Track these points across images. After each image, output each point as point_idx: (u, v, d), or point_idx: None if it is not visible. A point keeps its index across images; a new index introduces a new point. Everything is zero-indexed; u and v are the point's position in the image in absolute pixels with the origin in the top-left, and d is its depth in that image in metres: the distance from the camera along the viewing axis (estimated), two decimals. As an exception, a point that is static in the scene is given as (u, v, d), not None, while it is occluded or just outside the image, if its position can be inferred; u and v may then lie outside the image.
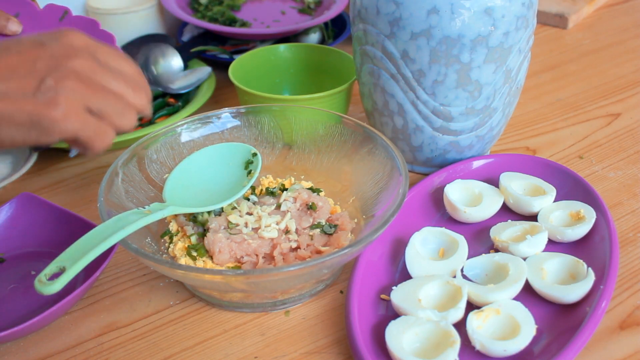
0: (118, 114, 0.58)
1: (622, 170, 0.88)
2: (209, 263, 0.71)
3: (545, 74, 1.13)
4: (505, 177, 0.81)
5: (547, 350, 0.62)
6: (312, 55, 1.03)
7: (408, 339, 0.62)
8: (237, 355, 0.66)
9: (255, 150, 0.78)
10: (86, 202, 0.85)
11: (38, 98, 0.54)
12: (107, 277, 0.75)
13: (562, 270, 0.70)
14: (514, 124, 0.99)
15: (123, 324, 0.70)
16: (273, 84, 1.03)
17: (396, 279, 0.72)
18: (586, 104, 1.03)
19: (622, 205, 0.82)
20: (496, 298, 0.66)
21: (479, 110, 0.82)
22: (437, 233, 0.74)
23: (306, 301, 0.71)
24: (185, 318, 0.70)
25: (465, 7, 0.75)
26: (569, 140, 0.95)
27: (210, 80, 1.04)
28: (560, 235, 0.74)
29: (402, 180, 0.70)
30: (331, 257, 0.62)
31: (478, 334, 0.62)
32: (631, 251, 0.75)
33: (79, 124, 0.56)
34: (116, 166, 0.73)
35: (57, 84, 0.55)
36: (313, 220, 0.75)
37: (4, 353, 0.67)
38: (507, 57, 0.80)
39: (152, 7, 1.17)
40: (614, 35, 1.25)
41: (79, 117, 0.56)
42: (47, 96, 0.54)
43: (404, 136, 0.85)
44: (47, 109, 0.54)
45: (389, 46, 0.80)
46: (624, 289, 0.71)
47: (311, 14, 1.25)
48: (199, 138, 0.81)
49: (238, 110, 0.82)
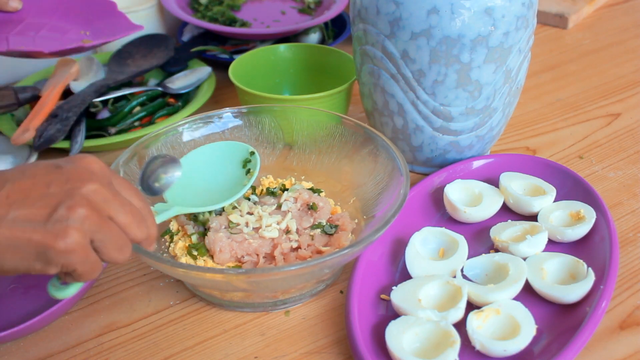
0: (116, 249, 0.54)
1: (622, 170, 0.88)
2: (209, 262, 0.71)
3: (545, 74, 1.13)
4: (505, 177, 0.81)
5: (547, 350, 0.62)
6: (312, 55, 1.03)
7: (408, 339, 0.62)
8: (237, 355, 0.66)
9: (253, 149, 0.78)
10: (86, 202, 0.85)
11: (48, 228, 0.51)
12: (107, 277, 0.75)
13: (562, 270, 0.70)
14: (514, 124, 0.99)
15: (123, 324, 0.70)
16: (273, 84, 1.03)
17: (396, 279, 0.72)
18: (586, 104, 1.04)
19: (622, 205, 0.82)
20: (496, 298, 0.66)
21: (479, 110, 0.82)
22: (437, 233, 0.74)
23: (306, 301, 0.71)
24: (185, 318, 0.70)
25: (465, 7, 0.75)
26: (569, 140, 0.96)
27: (210, 80, 1.04)
28: (560, 235, 0.74)
29: (403, 181, 0.70)
30: (332, 257, 0.62)
31: (478, 334, 0.62)
32: (631, 251, 0.75)
33: (81, 258, 0.53)
34: (117, 165, 0.73)
35: (69, 212, 0.51)
36: (314, 221, 0.75)
37: (4, 353, 0.67)
38: (507, 57, 0.80)
39: (152, 7, 1.17)
40: (614, 35, 1.25)
41: (84, 250, 0.53)
42: (57, 227, 0.51)
43: (404, 136, 0.85)
44: (55, 241, 0.51)
45: (389, 46, 0.80)
46: (624, 289, 0.71)
47: (311, 14, 1.25)
48: (200, 137, 0.81)
49: (239, 110, 0.82)
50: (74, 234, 0.51)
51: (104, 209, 0.53)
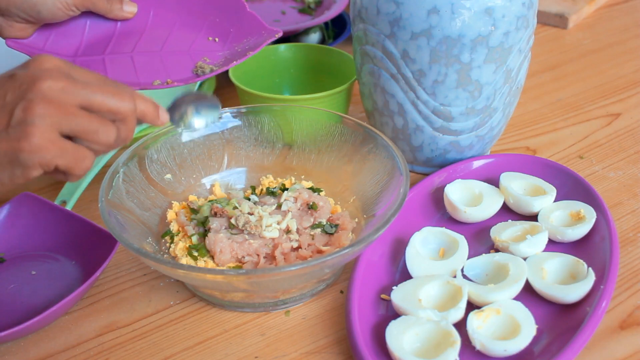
0: (93, 132, 0.55)
1: (622, 170, 0.88)
2: (210, 263, 0.71)
3: (545, 74, 1.13)
4: (505, 177, 0.81)
5: (547, 350, 0.62)
6: (312, 55, 1.03)
7: (408, 339, 0.62)
8: (237, 355, 0.66)
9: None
10: (87, 202, 0.85)
11: (10, 133, 0.52)
12: (107, 277, 0.75)
13: (563, 270, 0.70)
14: (514, 124, 0.99)
15: (123, 324, 0.70)
16: (273, 84, 1.03)
17: (396, 279, 0.72)
18: (586, 104, 1.04)
19: (622, 205, 0.82)
20: (496, 298, 0.66)
21: (479, 110, 0.82)
22: (438, 233, 0.74)
23: (306, 301, 0.71)
24: (185, 318, 0.70)
25: (466, 7, 0.75)
26: (569, 140, 0.95)
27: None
28: (560, 235, 0.74)
29: (403, 180, 0.70)
30: (332, 256, 0.62)
31: (478, 334, 0.62)
32: (631, 251, 0.75)
33: (56, 151, 0.53)
34: (117, 166, 0.73)
35: (26, 113, 0.52)
36: (314, 220, 0.75)
37: (4, 353, 0.67)
38: (508, 57, 0.80)
39: (152, 7, 1.17)
40: (614, 35, 1.25)
41: (55, 144, 0.53)
42: (18, 130, 0.52)
43: (404, 136, 0.85)
44: (19, 143, 0.52)
45: (389, 46, 0.80)
46: (624, 289, 0.71)
47: (311, 14, 1.25)
48: (200, 138, 0.81)
49: (239, 110, 0.82)
50: (35, 132, 0.52)
51: (64, 99, 0.53)
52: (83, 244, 0.75)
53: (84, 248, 0.75)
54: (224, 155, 0.82)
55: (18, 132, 0.52)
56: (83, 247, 0.75)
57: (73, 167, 0.55)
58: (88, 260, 0.74)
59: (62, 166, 0.54)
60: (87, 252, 0.74)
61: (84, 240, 0.75)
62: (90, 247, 0.74)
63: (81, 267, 0.74)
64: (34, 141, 0.52)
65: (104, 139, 0.56)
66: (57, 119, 0.53)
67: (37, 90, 0.53)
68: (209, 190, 0.81)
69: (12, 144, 0.52)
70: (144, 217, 0.74)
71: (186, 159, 0.80)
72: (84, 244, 0.75)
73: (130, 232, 0.69)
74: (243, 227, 0.72)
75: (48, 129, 0.53)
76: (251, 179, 0.83)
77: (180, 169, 0.80)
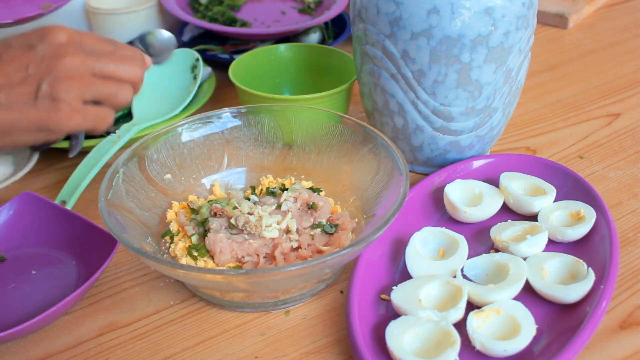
0: (113, 95, 0.64)
1: (622, 170, 0.88)
2: (210, 263, 0.71)
3: (545, 74, 1.13)
4: (505, 177, 0.81)
5: (547, 350, 0.62)
6: (312, 55, 1.03)
7: (408, 339, 0.62)
8: (237, 355, 0.66)
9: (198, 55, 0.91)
10: (87, 202, 0.85)
11: (38, 106, 0.60)
12: (107, 277, 0.75)
13: (563, 270, 0.70)
14: (514, 124, 0.99)
15: (123, 324, 0.70)
16: (273, 84, 1.03)
17: (396, 279, 0.72)
18: (586, 104, 1.04)
19: (622, 205, 0.82)
20: (496, 298, 0.66)
21: (479, 110, 0.82)
22: (437, 233, 0.74)
23: (306, 301, 0.71)
24: (185, 318, 0.70)
25: (466, 7, 0.75)
26: (569, 140, 0.96)
27: (210, 80, 1.04)
28: (560, 235, 0.74)
29: (403, 180, 0.70)
30: (332, 256, 0.62)
31: (478, 334, 0.62)
32: (631, 251, 0.75)
33: (81, 118, 0.61)
34: (117, 166, 0.73)
35: (53, 88, 0.60)
36: (314, 220, 0.75)
37: (4, 353, 0.67)
38: (508, 57, 0.80)
39: (152, 7, 1.17)
40: (614, 35, 1.25)
41: (80, 112, 0.61)
42: (46, 102, 0.60)
43: (404, 136, 0.85)
44: (49, 114, 0.60)
45: (389, 46, 0.80)
46: (624, 289, 0.71)
47: (311, 14, 1.25)
48: (200, 138, 0.81)
49: (238, 110, 0.82)
50: (63, 107, 0.60)
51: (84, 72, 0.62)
52: (83, 244, 0.75)
53: (84, 248, 0.75)
54: (223, 155, 0.82)
55: (47, 104, 0.60)
56: (83, 247, 0.75)
57: (97, 126, 0.64)
58: (88, 260, 0.74)
59: (86, 128, 0.63)
60: (87, 252, 0.74)
61: (84, 240, 0.75)
62: (90, 247, 0.74)
63: (81, 267, 0.74)
64: (63, 113, 0.60)
65: (123, 100, 0.65)
66: (80, 91, 0.61)
67: (61, 67, 0.60)
68: (208, 190, 0.82)
69: (41, 114, 0.60)
70: (143, 217, 0.74)
71: (186, 159, 0.81)
72: (84, 244, 0.75)
73: (130, 232, 0.69)
74: (243, 227, 0.72)
75: (73, 101, 0.61)
76: (251, 179, 0.83)
77: (180, 169, 0.80)
